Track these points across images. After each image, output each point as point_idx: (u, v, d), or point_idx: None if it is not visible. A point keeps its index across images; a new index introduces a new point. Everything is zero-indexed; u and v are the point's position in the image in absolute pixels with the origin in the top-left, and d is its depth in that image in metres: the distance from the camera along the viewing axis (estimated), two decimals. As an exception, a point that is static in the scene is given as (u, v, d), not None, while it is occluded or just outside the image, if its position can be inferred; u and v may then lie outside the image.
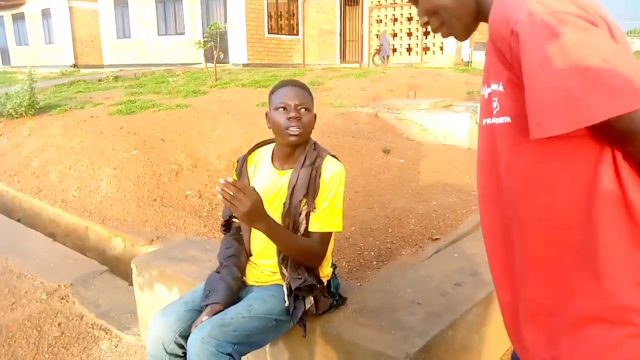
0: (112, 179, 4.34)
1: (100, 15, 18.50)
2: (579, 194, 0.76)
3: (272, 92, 1.75)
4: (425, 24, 0.97)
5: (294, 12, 16.10)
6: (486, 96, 0.87)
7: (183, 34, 15.88)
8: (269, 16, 15.26)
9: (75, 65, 19.09)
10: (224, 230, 1.91)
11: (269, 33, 15.32)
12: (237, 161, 1.84)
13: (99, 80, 10.48)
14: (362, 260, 2.76)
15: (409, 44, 16.12)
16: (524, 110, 0.72)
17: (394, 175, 4.38)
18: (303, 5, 15.04)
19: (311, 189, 1.66)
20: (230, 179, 1.44)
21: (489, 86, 0.85)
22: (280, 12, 15.81)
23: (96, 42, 20.03)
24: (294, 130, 1.64)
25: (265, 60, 15.05)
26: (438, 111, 6.03)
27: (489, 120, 0.86)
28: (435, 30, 0.97)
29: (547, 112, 0.68)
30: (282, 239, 1.61)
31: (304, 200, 1.66)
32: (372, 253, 2.85)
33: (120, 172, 4.41)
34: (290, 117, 1.64)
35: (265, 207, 1.54)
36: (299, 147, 1.72)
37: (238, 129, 5.20)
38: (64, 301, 2.85)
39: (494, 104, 0.82)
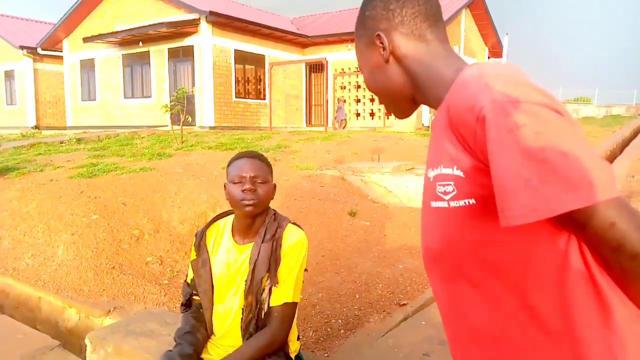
0: (70, 245, 4.17)
1: (65, 77, 18.51)
2: (550, 274, 0.76)
3: (229, 164, 1.74)
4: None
5: (261, 77, 16.56)
6: (431, 179, 0.86)
7: (150, 97, 15.99)
8: (237, 81, 15.63)
9: (36, 127, 18.79)
10: (183, 310, 1.82)
11: (236, 97, 15.61)
12: (196, 235, 1.79)
13: (61, 143, 10.30)
14: (329, 329, 2.69)
15: (372, 109, 16.75)
16: (490, 193, 0.72)
17: (360, 238, 4.39)
18: (270, 72, 15.52)
19: (273, 263, 1.62)
20: None
21: (435, 168, 0.84)
22: (248, 78, 16.22)
23: (60, 103, 19.89)
24: (248, 201, 1.62)
25: (232, 123, 15.23)
26: (401, 174, 6.18)
27: (438, 204, 0.84)
28: (380, 104, 1.03)
29: (508, 202, 0.68)
30: None
31: (266, 275, 1.62)
32: (340, 321, 2.79)
33: (78, 238, 4.24)
34: (244, 190, 1.62)
35: (224, 284, 1.49)
36: (257, 218, 1.69)
37: (203, 192, 5.15)
38: (7, 382, 2.63)
39: (448, 188, 0.81)
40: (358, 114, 17.07)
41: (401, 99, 0.97)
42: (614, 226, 0.68)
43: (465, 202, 0.79)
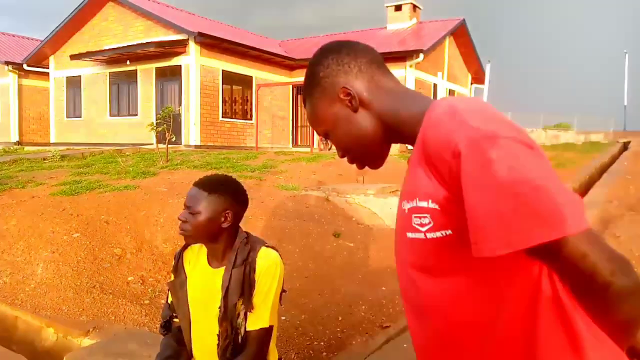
0: (49, 263, 4.10)
1: (50, 94, 18.38)
2: (522, 301, 0.79)
3: None
4: (342, 157, 1.02)
5: (248, 98, 16.65)
6: (406, 211, 0.87)
7: (136, 115, 15.94)
8: (224, 101, 15.69)
9: (19, 143, 18.54)
10: (163, 332, 1.79)
11: (222, 117, 15.65)
12: (174, 257, 1.78)
13: (44, 159, 10.19)
14: (311, 351, 2.68)
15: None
16: (466, 224, 0.74)
17: (345, 259, 4.40)
18: (257, 93, 15.62)
19: (246, 288, 1.60)
20: None
21: (410, 201, 0.86)
22: (235, 98, 16.30)
23: (44, 120, 19.69)
24: (180, 230, 1.63)
25: (218, 143, 15.23)
26: (386, 196, 6.23)
27: (415, 235, 0.86)
28: (351, 163, 1.02)
29: (482, 235, 0.71)
30: None
31: (240, 301, 1.60)
32: (322, 343, 2.79)
33: (58, 256, 4.18)
34: (179, 219, 1.63)
35: (201, 308, 1.48)
36: (219, 244, 1.67)
37: (187, 211, 5.13)
38: (-20, 404, 2.56)
39: (424, 220, 0.83)
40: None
41: (376, 145, 0.98)
42: (586, 257, 0.70)
43: (441, 233, 0.82)
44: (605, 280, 0.70)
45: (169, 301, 1.78)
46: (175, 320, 1.79)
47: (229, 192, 1.68)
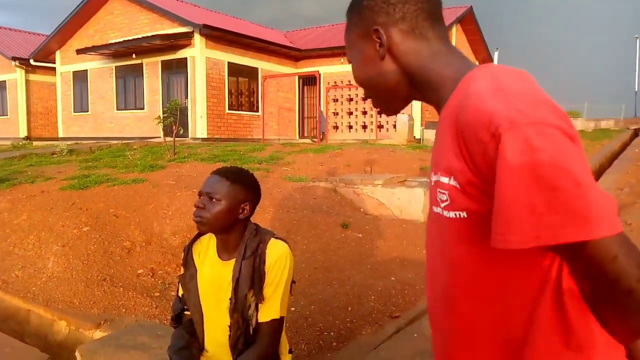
0: (60, 257, 4.13)
1: (57, 88, 18.47)
2: (528, 294, 0.77)
3: None
4: (359, 84, 0.99)
5: (254, 90, 16.63)
6: (432, 183, 0.85)
7: (142, 109, 15.98)
8: (230, 93, 15.67)
9: (28, 138, 18.67)
10: (174, 325, 1.79)
11: (229, 109, 15.65)
12: (183, 250, 1.78)
13: (53, 154, 10.25)
14: (321, 342, 2.69)
15: (364, 122, 16.85)
16: (484, 210, 0.72)
17: (353, 250, 4.39)
18: (263, 84, 15.59)
19: (257, 280, 1.60)
20: None
21: (436, 174, 0.83)
22: (241, 90, 16.28)
23: (52, 115, 19.81)
24: (195, 218, 1.60)
25: (224, 135, 15.24)
26: (393, 186, 6.21)
27: (436, 209, 0.85)
28: (365, 98, 0.99)
29: (511, 226, 0.67)
30: None
31: (251, 292, 1.60)
32: (332, 333, 2.79)
33: (69, 250, 4.21)
34: (195, 206, 1.61)
35: (211, 300, 1.49)
36: (232, 234, 1.65)
37: (195, 204, 5.15)
38: (-5, 396, 2.59)
39: (442, 196, 0.81)
40: (350, 127, 17.15)
41: (393, 98, 0.95)
42: (615, 260, 0.68)
43: (455, 214, 0.79)
44: (630, 286, 0.68)
45: (180, 294, 1.79)
46: (187, 312, 1.79)
47: (249, 184, 1.69)
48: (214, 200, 1.60)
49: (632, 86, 31.36)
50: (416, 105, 15.39)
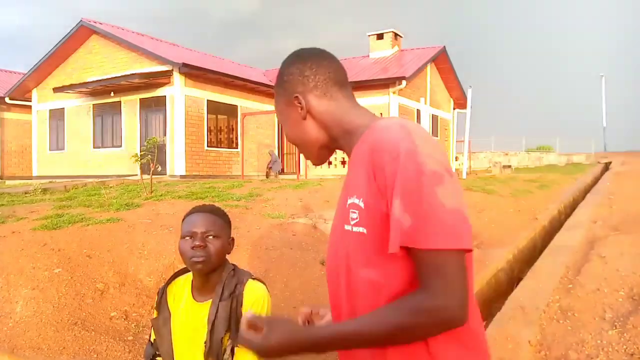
0: (29, 300, 3.97)
1: (33, 127, 18.24)
2: (400, 290, 0.96)
3: (183, 219, 1.65)
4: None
5: (234, 127, 16.69)
6: (347, 205, 1.02)
7: (120, 146, 15.85)
8: (209, 130, 15.69)
9: (0, 177, 18.27)
10: None
11: (208, 146, 15.63)
12: (157, 293, 1.72)
13: (25, 193, 10.01)
14: (300, 384, 2.61)
15: (343, 157, 17.00)
16: (378, 225, 0.93)
17: (333, 288, 4.34)
18: (242, 122, 15.68)
19: (233, 323, 1.55)
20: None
21: (351, 197, 1.01)
22: (220, 127, 16.33)
23: (26, 153, 19.48)
24: (197, 258, 1.55)
25: (203, 172, 15.16)
26: (373, 222, 6.21)
27: (347, 227, 1.01)
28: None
29: (399, 230, 0.88)
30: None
31: (227, 335, 1.56)
32: (312, 375, 2.71)
33: (38, 293, 4.06)
34: (194, 246, 1.55)
35: (185, 344, 1.44)
36: (213, 275, 1.61)
37: (171, 243, 5.05)
38: None
39: (354, 215, 0.99)
40: (330, 162, 17.28)
41: (319, 149, 1.15)
42: (443, 271, 0.87)
43: (360, 229, 0.97)
44: (429, 304, 0.88)
45: (152, 339, 1.72)
46: (158, 358, 1.72)
47: (228, 220, 1.70)
48: (212, 237, 1.58)
49: (599, 122, 32.52)
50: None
